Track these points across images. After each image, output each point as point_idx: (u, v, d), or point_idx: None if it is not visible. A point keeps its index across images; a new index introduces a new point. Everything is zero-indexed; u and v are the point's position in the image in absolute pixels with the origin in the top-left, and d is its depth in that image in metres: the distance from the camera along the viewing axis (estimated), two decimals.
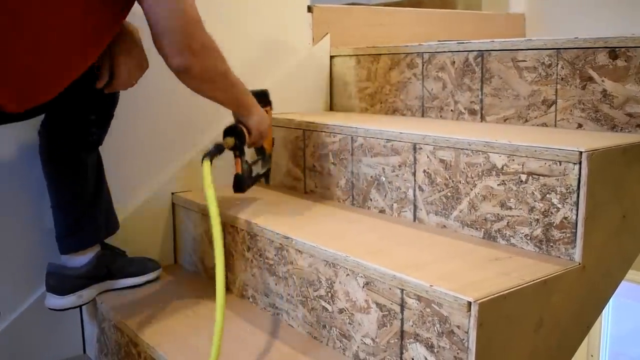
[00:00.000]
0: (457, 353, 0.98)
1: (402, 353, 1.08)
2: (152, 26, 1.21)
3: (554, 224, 1.13)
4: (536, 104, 1.44)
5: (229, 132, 1.46)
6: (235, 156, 1.48)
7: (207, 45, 1.27)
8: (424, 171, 1.34)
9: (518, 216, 1.18)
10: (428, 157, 1.33)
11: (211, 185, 1.30)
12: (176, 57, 1.22)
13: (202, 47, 1.25)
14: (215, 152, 1.40)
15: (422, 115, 1.70)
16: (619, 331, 3.53)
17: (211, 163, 1.36)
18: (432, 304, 1.01)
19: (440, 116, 1.65)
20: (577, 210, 1.10)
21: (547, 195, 1.13)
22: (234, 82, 1.39)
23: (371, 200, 1.48)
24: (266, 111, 1.53)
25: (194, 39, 1.23)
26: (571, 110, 1.38)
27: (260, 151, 1.60)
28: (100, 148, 1.50)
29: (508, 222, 1.20)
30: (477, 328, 0.95)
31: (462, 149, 1.26)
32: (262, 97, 1.55)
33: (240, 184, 1.50)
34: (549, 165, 1.12)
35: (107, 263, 1.53)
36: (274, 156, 1.77)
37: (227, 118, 1.52)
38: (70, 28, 1.16)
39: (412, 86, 1.72)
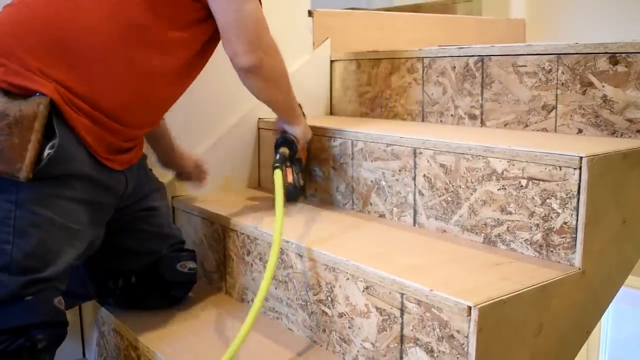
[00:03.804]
0: (457, 358, 0.98)
1: (401, 357, 1.08)
2: (222, 25, 1.27)
3: (554, 229, 1.13)
4: (536, 109, 1.44)
5: (282, 142, 1.46)
6: (286, 166, 1.46)
7: (272, 46, 1.33)
8: (424, 176, 1.34)
9: (518, 221, 1.18)
10: (428, 161, 1.33)
11: (282, 196, 1.31)
12: (248, 55, 1.27)
13: (268, 47, 1.31)
14: (283, 160, 1.42)
15: (423, 120, 1.70)
16: (619, 337, 3.53)
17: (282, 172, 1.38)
18: (432, 309, 1.01)
19: (441, 121, 1.65)
20: (577, 215, 1.10)
21: (547, 200, 1.13)
22: (291, 88, 1.43)
23: (371, 204, 1.48)
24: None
25: (263, 38, 1.30)
26: (571, 116, 1.38)
27: (299, 162, 1.56)
28: None
29: (508, 227, 1.20)
30: (477, 333, 0.95)
31: (462, 153, 1.26)
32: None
33: (294, 194, 1.48)
34: (549, 171, 1.13)
35: None
36: (271, 160, 1.77)
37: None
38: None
39: (413, 91, 1.72)
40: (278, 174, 1.36)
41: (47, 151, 1.12)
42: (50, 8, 1.17)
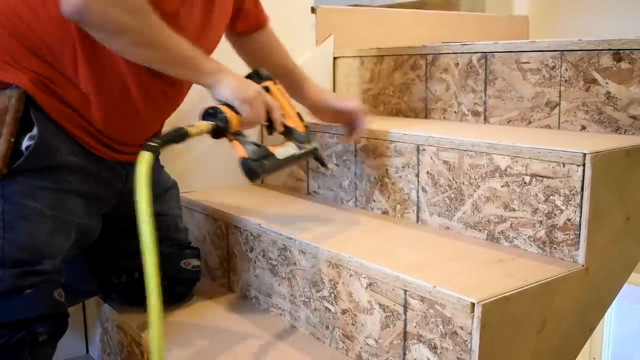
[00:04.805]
0: (460, 354, 0.98)
1: (405, 354, 1.08)
2: None
3: (558, 226, 1.13)
4: (540, 106, 1.44)
5: (203, 114, 1.17)
6: (229, 140, 1.19)
7: None
8: (427, 172, 1.34)
9: (521, 218, 1.18)
10: (431, 158, 1.33)
11: (146, 185, 0.99)
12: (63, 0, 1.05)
13: None
14: (167, 140, 1.08)
15: (426, 117, 1.70)
16: (622, 334, 3.52)
17: (157, 153, 1.05)
18: (435, 305, 1.01)
19: (444, 118, 1.65)
20: (581, 212, 1.10)
21: (551, 197, 1.13)
22: (166, 38, 1.12)
23: (374, 201, 1.48)
24: (266, 87, 1.27)
25: None
26: (575, 112, 1.38)
27: (287, 131, 1.28)
28: None
29: (511, 224, 1.20)
30: (480, 329, 0.95)
31: (465, 150, 1.26)
32: (254, 78, 1.29)
33: (250, 170, 1.18)
34: (553, 167, 1.12)
35: None
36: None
37: None
38: None
39: (416, 87, 1.72)
40: (143, 158, 1.00)
41: (26, 143, 1.11)
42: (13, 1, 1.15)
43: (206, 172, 1.78)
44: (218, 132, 1.16)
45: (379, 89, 1.83)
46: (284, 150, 1.25)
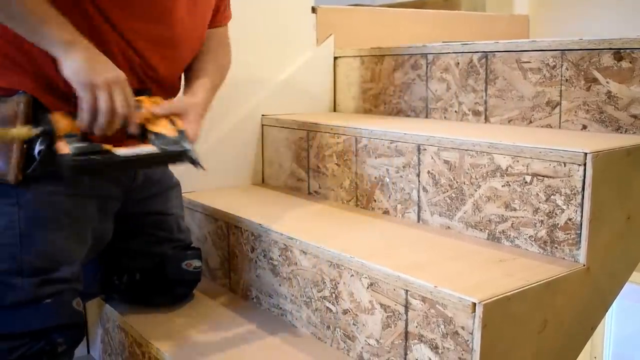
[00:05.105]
0: (462, 354, 0.98)
1: (406, 354, 1.08)
2: None
3: (559, 226, 1.13)
4: (540, 105, 1.44)
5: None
6: (58, 139, 1.05)
7: None
8: (428, 172, 1.34)
9: (522, 217, 1.18)
10: (432, 158, 1.33)
11: None
12: None
13: None
14: None
15: (426, 116, 1.70)
16: (623, 333, 3.52)
17: None
18: (437, 305, 1.01)
19: (444, 117, 1.65)
20: (582, 211, 1.10)
21: (552, 197, 1.13)
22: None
23: (375, 201, 1.48)
24: (138, 100, 1.14)
25: None
26: (576, 112, 1.38)
27: (154, 135, 1.15)
28: None
29: (512, 224, 1.20)
30: (481, 329, 0.95)
31: (466, 150, 1.26)
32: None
33: (67, 165, 1.03)
34: (554, 167, 1.12)
35: None
36: (275, 157, 1.76)
37: None
38: None
39: (416, 87, 1.72)
40: None
41: (38, 148, 1.10)
42: None
43: (207, 172, 1.77)
44: (45, 138, 1.05)
45: (379, 88, 1.83)
46: (133, 150, 1.11)
